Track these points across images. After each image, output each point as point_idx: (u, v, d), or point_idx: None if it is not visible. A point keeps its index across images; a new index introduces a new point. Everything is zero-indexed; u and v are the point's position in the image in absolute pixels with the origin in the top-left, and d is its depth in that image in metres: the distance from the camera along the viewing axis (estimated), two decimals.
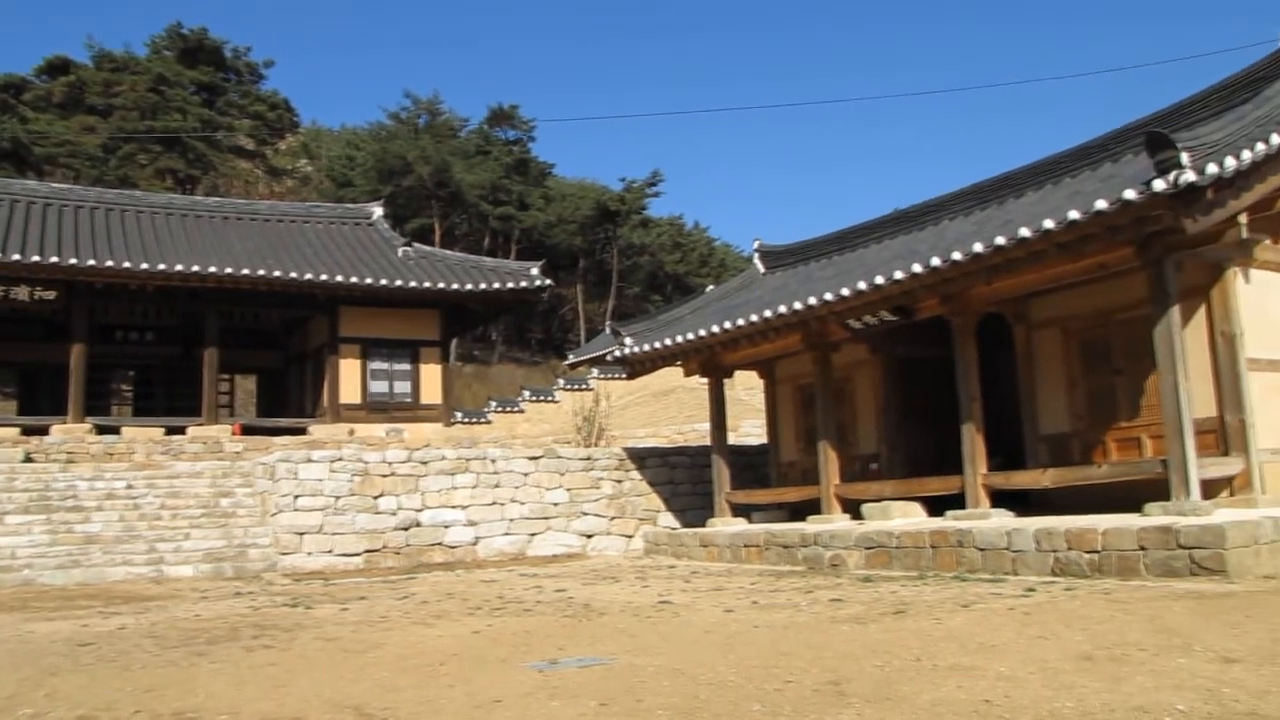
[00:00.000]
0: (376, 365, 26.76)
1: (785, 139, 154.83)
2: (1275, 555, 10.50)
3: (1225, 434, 12.81)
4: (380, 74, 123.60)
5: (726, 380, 20.88)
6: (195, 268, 23.63)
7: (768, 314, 16.53)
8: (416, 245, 29.49)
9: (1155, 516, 11.42)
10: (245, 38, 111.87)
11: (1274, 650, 6.55)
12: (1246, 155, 10.81)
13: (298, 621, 10.83)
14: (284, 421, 26.58)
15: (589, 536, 19.96)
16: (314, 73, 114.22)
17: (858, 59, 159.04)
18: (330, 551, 18.03)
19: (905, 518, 15.18)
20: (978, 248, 12.91)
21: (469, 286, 26.18)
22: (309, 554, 17.88)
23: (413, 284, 25.61)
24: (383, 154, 59.24)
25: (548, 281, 27.85)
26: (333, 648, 8.89)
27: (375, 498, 18.73)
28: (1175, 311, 12.14)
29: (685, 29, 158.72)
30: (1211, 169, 10.41)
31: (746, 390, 32.61)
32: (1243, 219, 11.57)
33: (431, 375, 27.56)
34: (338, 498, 18.49)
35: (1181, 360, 12.02)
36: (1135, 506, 11.97)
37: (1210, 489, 12.25)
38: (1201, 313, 13.17)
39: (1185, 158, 10.40)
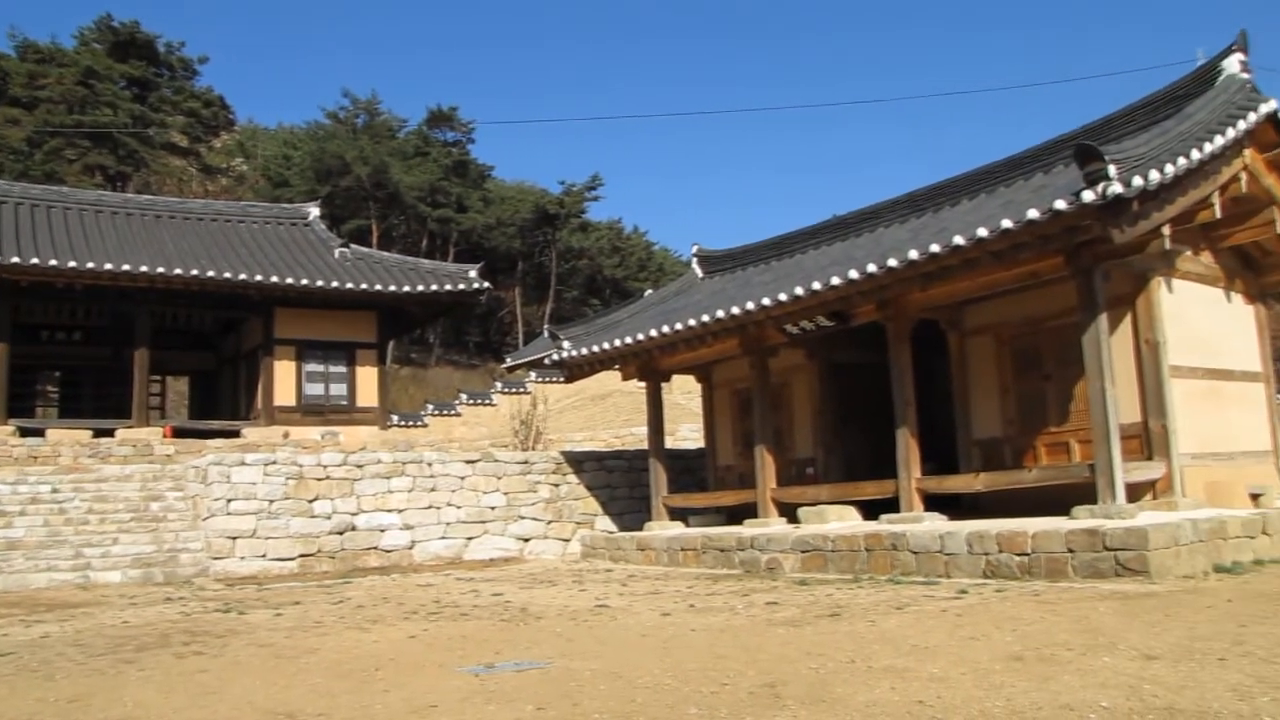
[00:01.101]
0: (312, 367, 26.40)
1: (724, 144, 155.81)
2: (1194, 556, 10.81)
3: (1149, 439, 13.17)
4: (318, 73, 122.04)
5: (664, 384, 20.96)
6: (126, 267, 23.13)
7: (705, 318, 16.62)
8: (353, 246, 29.12)
9: (1083, 519, 11.69)
10: (179, 33, 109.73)
11: (1191, 647, 6.76)
12: (1169, 169, 11.12)
13: (230, 627, 10.67)
14: (217, 424, 26.11)
15: (526, 540, 19.90)
16: (250, 70, 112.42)
17: (797, 66, 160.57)
18: (264, 556, 17.76)
19: (841, 521, 15.35)
20: (913, 255, 13.12)
21: (406, 288, 25.95)
22: (242, 558, 17.59)
23: (349, 285, 25.31)
24: (320, 154, 58.54)
25: (486, 284, 27.68)
26: (266, 653, 8.77)
27: (310, 501, 18.50)
28: (1103, 319, 12.44)
29: (626, 34, 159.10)
30: (1137, 181, 10.70)
31: (684, 394, 32.77)
32: (1166, 230, 11.89)
33: (368, 378, 27.27)
34: (271, 501, 18.22)
35: (1108, 367, 12.33)
36: (1064, 509, 12.24)
37: (1134, 492, 12.58)
38: (1127, 321, 13.53)
39: (1113, 170, 10.68)
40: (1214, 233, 14.44)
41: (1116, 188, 10.65)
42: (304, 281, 24.81)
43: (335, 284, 25.12)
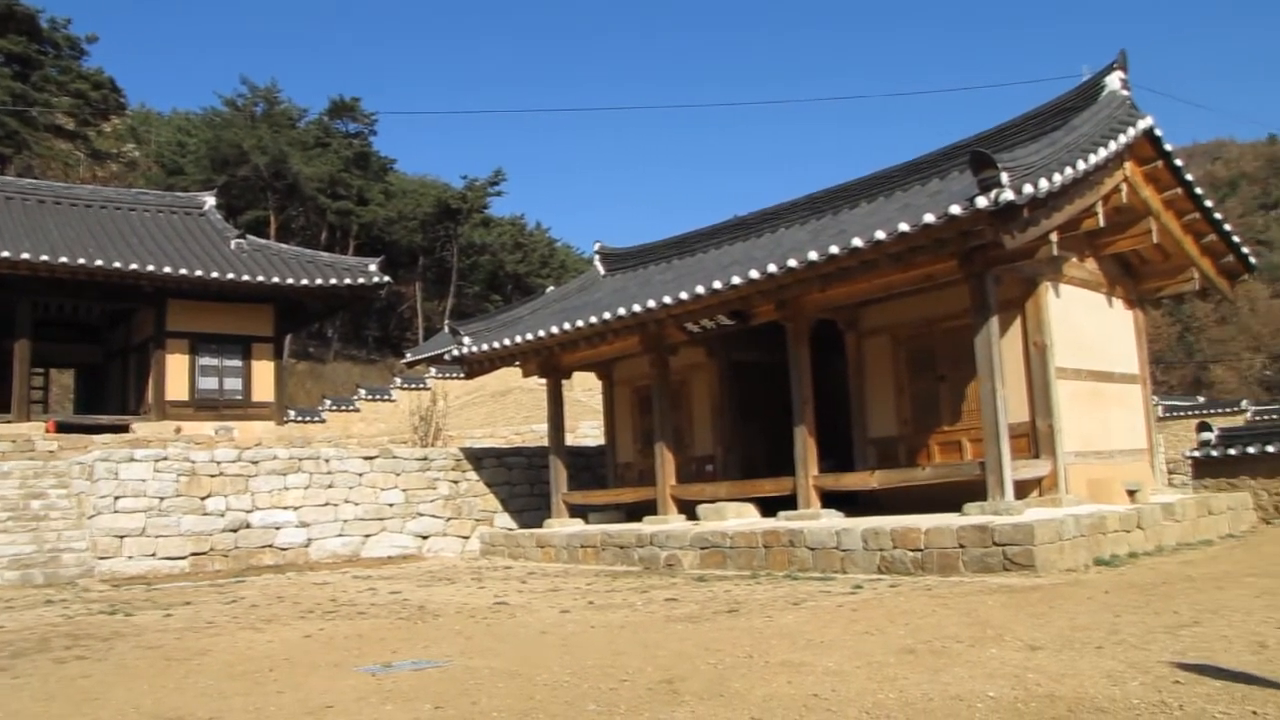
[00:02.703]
0: (206, 361, 25.72)
1: (627, 143, 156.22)
2: (1076, 550, 11.22)
3: (1036, 438, 13.64)
4: (215, 58, 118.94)
5: (565, 381, 20.94)
6: (5, 253, 22.16)
7: (607, 316, 16.65)
8: (250, 238, 28.41)
9: (973, 516, 12.03)
10: (63, 9, 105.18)
11: (1072, 637, 7.04)
12: (1058, 178, 11.51)
13: (116, 629, 10.35)
14: (104, 419, 25.25)
15: (425, 538, 19.71)
16: (143, 52, 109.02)
17: (699, 66, 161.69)
18: (153, 555, 17.26)
19: (739, 518, 15.53)
20: (813, 256, 13.33)
21: (305, 282, 25.44)
22: (130, 558, 17.07)
23: (245, 278, 24.71)
24: (217, 142, 56.99)
25: (386, 278, 27.28)
26: (154, 656, 8.55)
27: (203, 498, 18.04)
28: (994, 322, 12.82)
29: (528, 30, 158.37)
30: (1028, 189, 11.05)
31: (585, 391, 32.79)
32: (1054, 237, 12.32)
33: (264, 372, 26.66)
34: (162, 499, 17.71)
35: (999, 368, 12.71)
36: (956, 506, 12.58)
37: (1022, 489, 13.01)
38: (1017, 324, 13.99)
39: (1005, 177, 11.01)
40: (1097, 240, 15.01)
41: (1008, 194, 10.98)
42: (198, 273, 24.12)
43: (231, 276, 24.50)
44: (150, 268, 23.57)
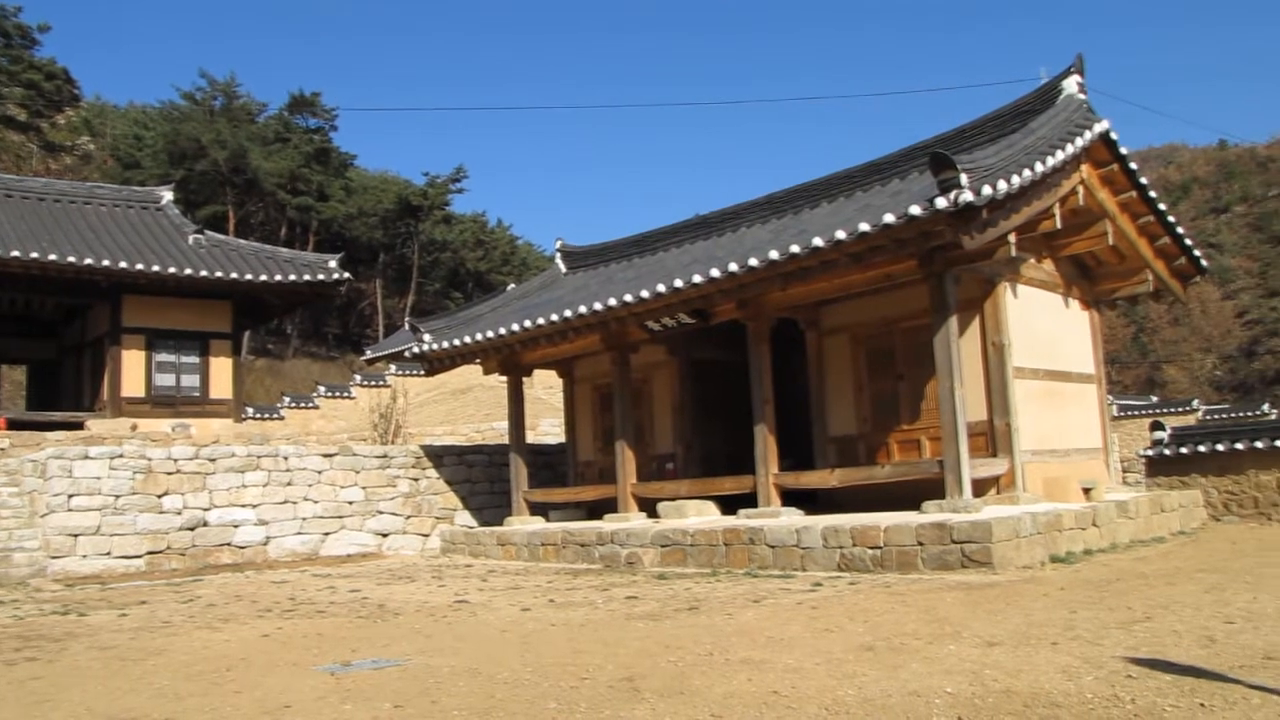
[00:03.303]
0: (163, 357, 25.39)
1: (590, 141, 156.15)
2: (1033, 548, 11.36)
3: (994, 437, 13.79)
4: (173, 50, 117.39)
5: (526, 379, 20.88)
6: None
7: (568, 314, 16.63)
8: (209, 233, 28.05)
9: (932, 514, 12.15)
10: None
11: (1028, 633, 7.13)
12: (1016, 180, 11.64)
13: (69, 630, 10.21)
14: (58, 415, 24.87)
15: (385, 536, 19.60)
16: (97, 43, 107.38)
17: (663, 66, 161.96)
18: (108, 554, 17.03)
19: (700, 516, 15.58)
20: (774, 255, 13.39)
21: (263, 278, 25.19)
22: (84, 557, 16.83)
23: (203, 273, 24.41)
24: (174, 135, 56.20)
25: (346, 275, 27.04)
26: (108, 656, 8.44)
27: (159, 496, 17.82)
28: (953, 322, 12.94)
29: (490, 28, 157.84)
30: (986, 190, 11.16)
31: (546, 389, 32.76)
32: (1012, 238, 12.45)
33: (222, 369, 26.38)
34: (118, 496, 17.48)
35: (958, 368, 12.83)
36: (915, 504, 12.69)
37: (980, 487, 13.14)
38: (975, 324, 14.13)
39: (964, 179, 11.11)
40: (1054, 242, 15.21)
41: (968, 196, 11.09)
42: (155, 268, 23.80)
43: (188, 271, 24.19)
44: (105, 262, 23.23)
